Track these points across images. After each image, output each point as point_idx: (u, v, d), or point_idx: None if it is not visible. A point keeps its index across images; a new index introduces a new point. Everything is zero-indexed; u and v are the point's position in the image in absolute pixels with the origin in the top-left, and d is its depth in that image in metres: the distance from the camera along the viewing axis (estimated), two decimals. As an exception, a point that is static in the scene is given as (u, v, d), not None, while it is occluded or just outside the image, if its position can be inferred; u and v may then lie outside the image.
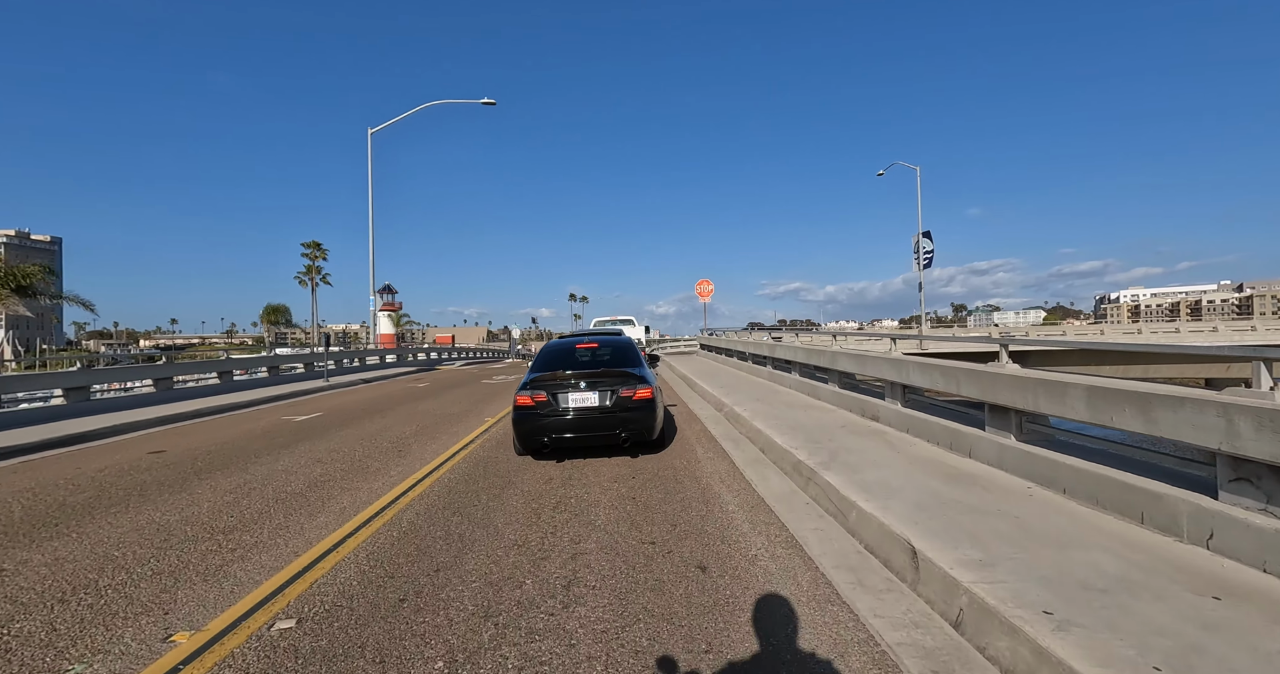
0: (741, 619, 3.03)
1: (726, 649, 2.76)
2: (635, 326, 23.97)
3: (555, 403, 6.42)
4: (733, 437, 7.84)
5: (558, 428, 6.34)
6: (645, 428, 6.46)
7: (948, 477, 4.73)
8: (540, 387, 6.49)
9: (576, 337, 8.28)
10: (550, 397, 6.43)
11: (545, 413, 6.39)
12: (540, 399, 6.43)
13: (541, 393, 6.44)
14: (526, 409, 6.45)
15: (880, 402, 7.40)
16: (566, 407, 6.41)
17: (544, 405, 6.41)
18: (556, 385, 6.49)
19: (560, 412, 6.39)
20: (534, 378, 6.64)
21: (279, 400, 13.79)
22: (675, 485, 5.59)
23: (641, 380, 6.59)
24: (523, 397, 6.48)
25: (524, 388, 6.55)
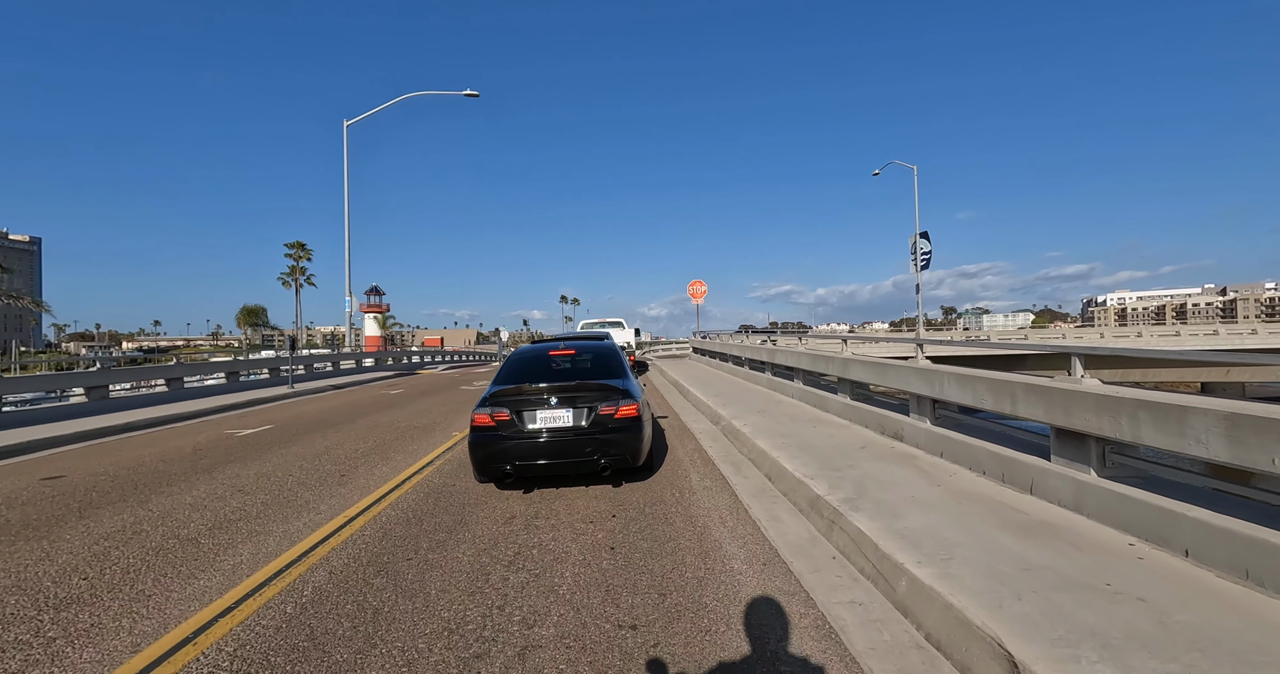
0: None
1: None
2: (624, 329, 22.83)
3: (520, 422, 5.31)
4: (732, 458, 6.76)
5: (523, 453, 5.24)
6: (629, 452, 5.38)
7: (1016, 526, 3.68)
8: (503, 403, 5.38)
9: (550, 342, 7.17)
10: (514, 415, 5.32)
11: (508, 435, 5.28)
12: (502, 418, 5.31)
13: (504, 411, 5.33)
14: (485, 431, 5.33)
15: (904, 418, 6.36)
16: (534, 427, 5.31)
17: (506, 426, 5.30)
18: (523, 401, 5.38)
19: (526, 433, 5.28)
20: (496, 392, 5.53)
21: (231, 410, 12.55)
22: (665, 528, 4.50)
23: (625, 395, 5.50)
24: (481, 415, 5.37)
25: (483, 404, 5.44)
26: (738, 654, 2.74)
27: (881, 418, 6.84)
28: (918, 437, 5.98)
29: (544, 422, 5.32)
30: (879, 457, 5.71)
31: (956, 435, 5.33)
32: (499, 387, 5.74)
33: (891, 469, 5.18)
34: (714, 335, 22.27)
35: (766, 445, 6.51)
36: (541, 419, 5.33)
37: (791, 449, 6.24)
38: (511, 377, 6.04)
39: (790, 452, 6.14)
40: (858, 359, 7.59)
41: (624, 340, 20.51)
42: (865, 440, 6.52)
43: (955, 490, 4.47)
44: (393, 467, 6.87)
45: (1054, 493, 4.04)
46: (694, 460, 6.78)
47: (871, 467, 5.31)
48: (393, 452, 7.78)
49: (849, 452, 6.00)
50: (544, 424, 5.32)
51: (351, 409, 12.48)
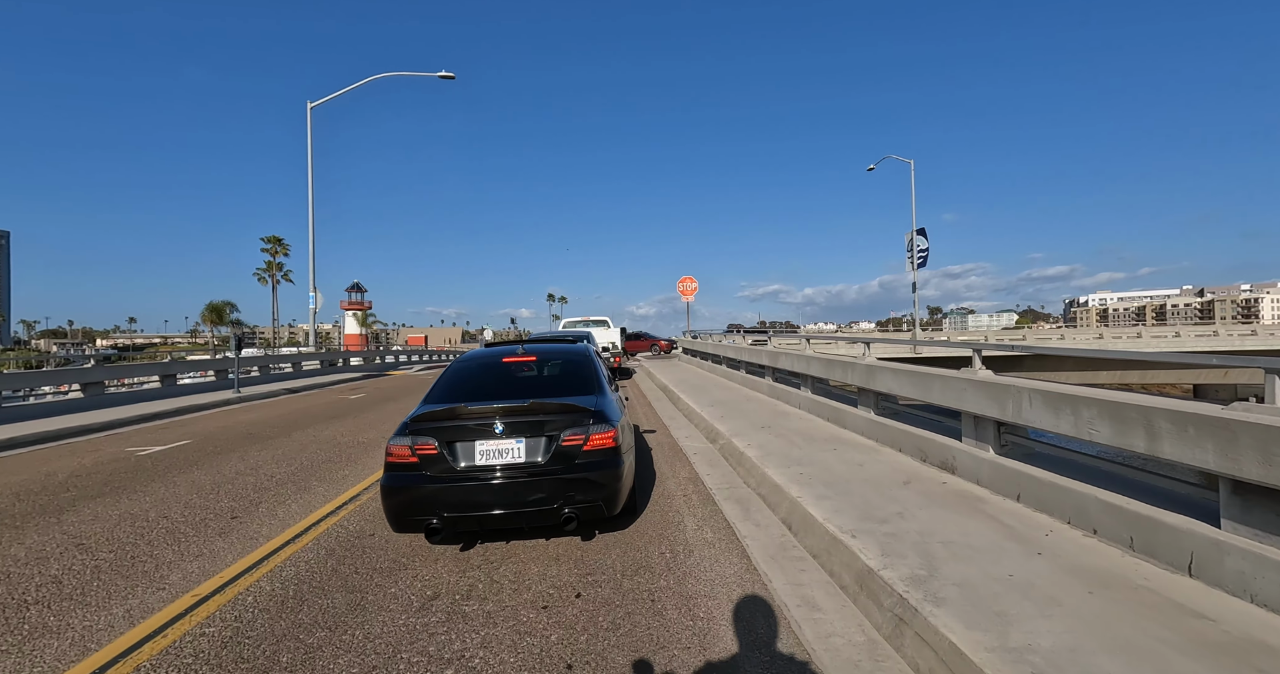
0: None
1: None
2: (609, 328, 21.34)
3: (452, 458, 3.85)
4: (737, 493, 5.35)
5: (455, 501, 3.77)
6: (604, 497, 3.92)
7: (1211, 648, 2.31)
8: (428, 430, 3.91)
9: (506, 346, 5.65)
10: (444, 447, 3.86)
11: (435, 475, 3.81)
12: (427, 451, 3.85)
13: (429, 441, 3.86)
14: (403, 470, 3.86)
15: (955, 443, 5.01)
16: (472, 464, 3.86)
17: (433, 462, 3.84)
18: (457, 429, 3.91)
19: (461, 473, 3.82)
20: (421, 414, 4.04)
21: (151, 421, 10.91)
22: (651, 623, 3.07)
23: (598, 418, 4.05)
24: (398, 446, 3.89)
25: (402, 432, 3.96)
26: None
27: (922, 441, 5.48)
28: (977, 470, 4.63)
29: (486, 456, 3.87)
30: (932, 499, 4.34)
31: (1042, 474, 3.97)
32: (427, 407, 4.27)
33: (958, 521, 3.81)
34: (705, 335, 20.91)
35: (780, 476, 5.12)
36: (483, 453, 3.87)
37: (814, 484, 4.86)
38: (447, 393, 4.58)
39: (813, 487, 4.75)
40: (886, 366, 6.22)
41: (608, 341, 19.04)
42: (905, 471, 5.15)
43: (1071, 565, 3.10)
44: (304, 503, 5.37)
45: (1239, 579, 2.69)
46: (688, 496, 5.36)
47: (929, 516, 3.93)
48: (316, 479, 6.27)
49: (890, 489, 4.62)
50: (486, 459, 3.86)
51: (294, 419, 10.91)
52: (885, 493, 4.53)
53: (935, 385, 5.23)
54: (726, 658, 2.73)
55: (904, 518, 3.92)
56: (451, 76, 23.08)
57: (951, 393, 4.96)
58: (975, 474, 4.65)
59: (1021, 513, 3.91)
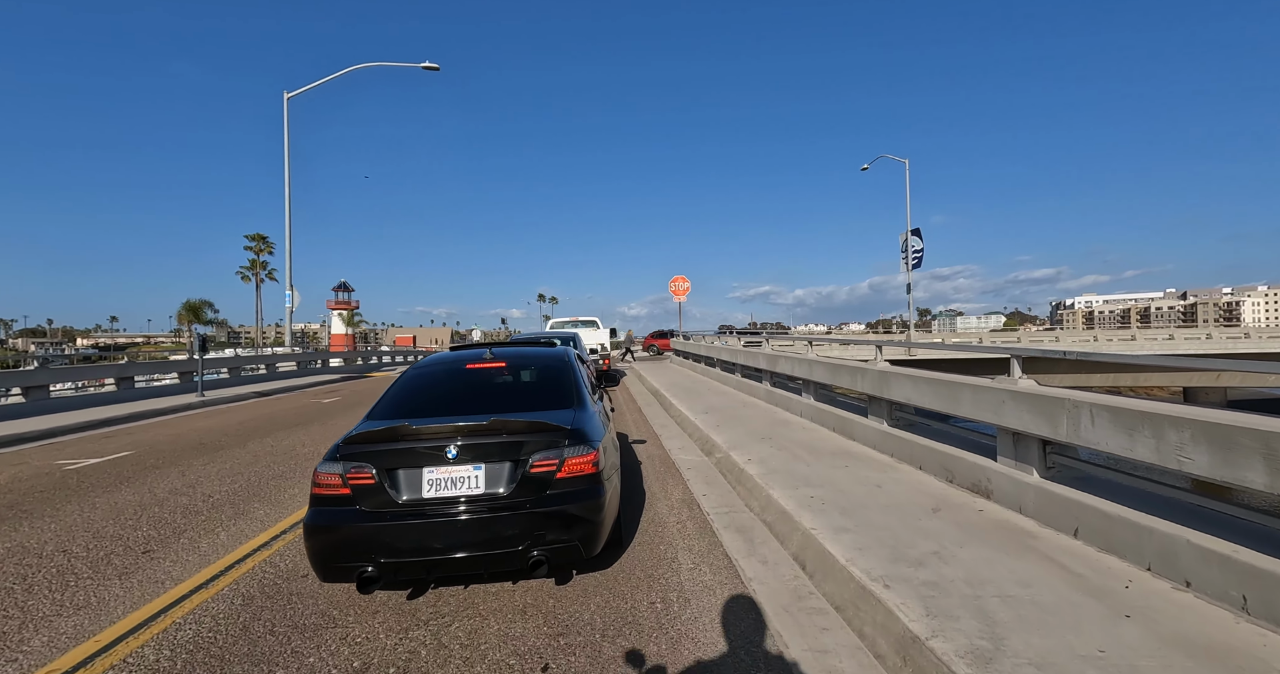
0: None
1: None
2: (598, 329, 20.54)
3: (394, 488, 3.12)
4: (739, 520, 4.64)
5: (395, 544, 3.02)
6: (582, 536, 3.18)
7: None
8: (365, 454, 3.16)
9: (471, 351, 4.82)
10: (384, 475, 3.13)
11: (371, 511, 3.07)
12: (362, 481, 3.10)
13: (365, 468, 3.12)
14: (332, 504, 3.11)
15: (989, 464, 4.35)
16: (417, 496, 3.12)
17: (370, 494, 3.10)
18: (400, 452, 3.18)
19: (403, 508, 3.08)
20: (359, 434, 3.29)
21: (97, 428, 10.03)
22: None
23: (577, 437, 3.34)
24: (327, 474, 3.15)
25: (333, 457, 3.21)
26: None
27: (947, 458, 4.82)
28: (1019, 496, 3.97)
29: (436, 486, 3.14)
30: (971, 532, 3.66)
31: (1108, 506, 3.31)
32: (367, 425, 3.54)
33: (1010, 565, 3.13)
34: (698, 336, 20.25)
35: (788, 500, 4.44)
36: (432, 482, 3.14)
37: (828, 510, 4.18)
38: (396, 407, 3.85)
39: (827, 515, 4.07)
40: (903, 373, 5.56)
41: (596, 342, 18.27)
42: (931, 494, 4.48)
43: (1174, 634, 2.43)
44: (237, 531, 4.61)
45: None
46: (683, 523, 4.65)
47: (972, 557, 3.26)
48: (259, 500, 5.50)
49: (918, 518, 3.95)
50: (435, 490, 3.13)
51: (255, 426, 10.08)
52: (913, 523, 3.86)
53: (964, 396, 4.57)
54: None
55: (943, 559, 3.24)
56: (435, 67, 22.25)
57: (986, 405, 4.30)
58: (1016, 501, 3.99)
59: (1085, 554, 3.24)
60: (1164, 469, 2.94)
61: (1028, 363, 4.29)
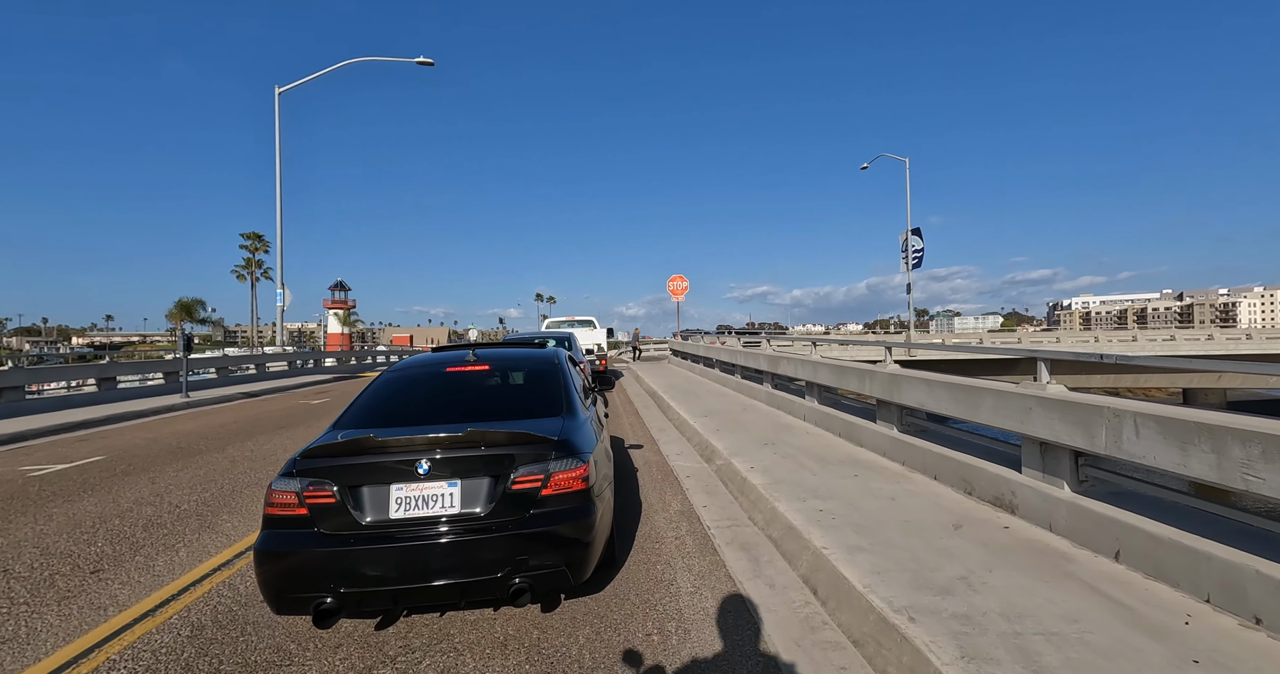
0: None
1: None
2: (595, 329, 20.17)
3: (357, 508, 2.77)
4: (744, 538, 4.29)
5: (358, 571, 2.66)
6: (571, 560, 2.85)
7: None
8: (325, 469, 2.82)
9: (452, 352, 4.49)
10: (346, 493, 2.78)
11: (331, 534, 2.73)
12: (321, 500, 2.75)
13: (326, 486, 2.77)
14: (286, 526, 2.76)
15: (1013, 476, 4.02)
16: (383, 517, 2.77)
17: (330, 514, 2.75)
18: (365, 467, 2.83)
19: (367, 531, 2.74)
20: (319, 447, 2.94)
21: (76, 430, 9.66)
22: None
23: (565, 449, 3.00)
24: (282, 492, 2.80)
25: (289, 471, 2.87)
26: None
27: (965, 469, 4.49)
28: (1049, 512, 3.63)
29: (405, 506, 2.79)
30: (999, 553, 3.33)
31: (1154, 527, 2.98)
32: (331, 435, 3.19)
33: (1050, 594, 2.80)
34: (696, 336, 19.91)
35: (795, 514, 4.10)
36: (400, 501, 2.79)
37: (840, 527, 3.84)
38: (365, 415, 3.51)
39: (839, 532, 3.73)
40: (917, 377, 5.22)
41: (593, 342, 17.92)
42: (950, 509, 4.14)
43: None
44: (199, 547, 4.26)
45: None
46: (681, 539, 4.31)
47: (1006, 583, 2.92)
48: (229, 511, 5.15)
49: (939, 536, 3.61)
50: (404, 510, 2.78)
51: (238, 428, 9.71)
52: (935, 542, 3.52)
53: (986, 402, 4.23)
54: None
55: (972, 586, 2.90)
56: (430, 63, 21.88)
57: (1010, 412, 3.96)
58: (1046, 517, 3.66)
59: (1130, 581, 2.91)
60: (1226, 488, 2.61)
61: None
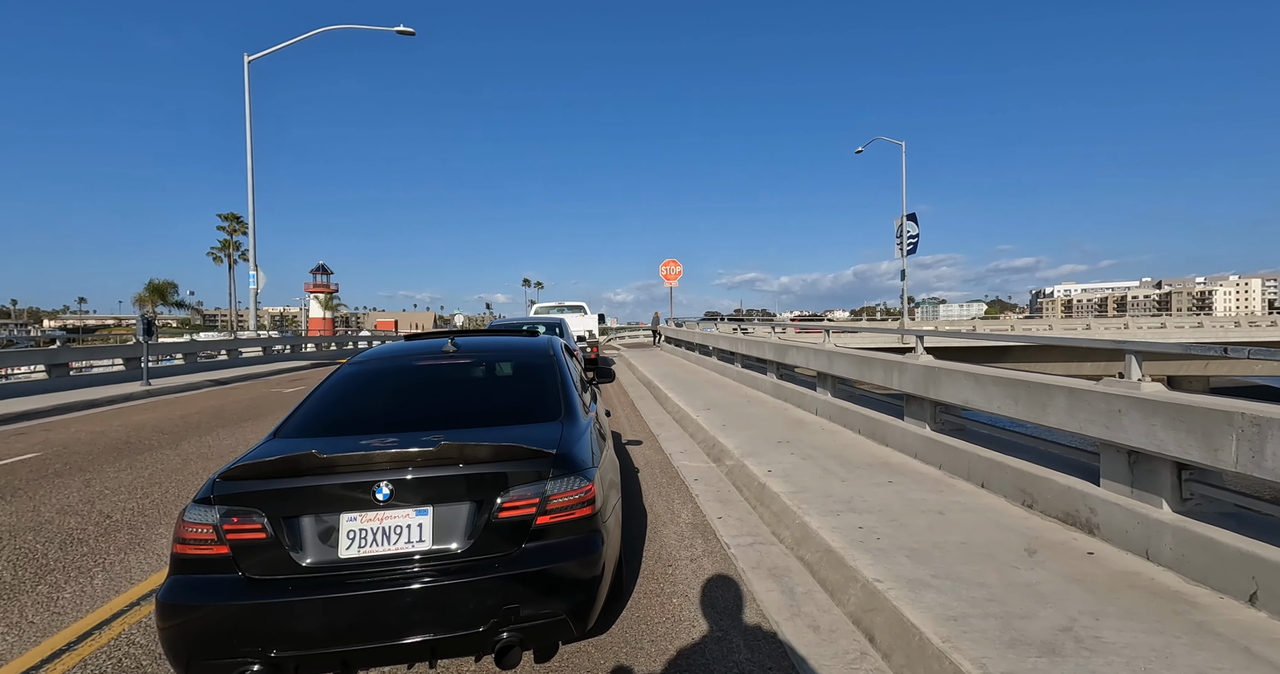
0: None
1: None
2: (586, 315, 19.33)
3: (294, 547, 2.10)
4: (771, 561, 3.63)
5: (295, 630, 1.98)
6: (572, 608, 2.19)
7: None
8: (252, 495, 2.14)
9: (428, 341, 3.80)
10: (280, 526, 2.10)
11: (260, 579, 2.06)
12: (246, 534, 2.08)
13: (252, 517, 2.09)
14: (200, 570, 2.09)
15: (1090, 489, 3.41)
16: (330, 558, 2.10)
17: (258, 553, 2.08)
18: (305, 492, 2.15)
19: (309, 576, 2.07)
20: (244, 465, 2.23)
21: (16, 421, 8.81)
22: None
23: (565, 465, 2.37)
24: (195, 524, 2.11)
25: (205, 496, 2.16)
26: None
27: (1024, 478, 3.87)
28: (1146, 537, 3.03)
29: (359, 541, 2.13)
30: (1098, 591, 2.71)
31: None
32: (266, 448, 2.52)
33: (1189, 657, 2.18)
34: (690, 323, 19.27)
35: (831, 533, 3.48)
36: (354, 534, 2.14)
37: (889, 551, 3.21)
38: (312, 420, 2.82)
39: (891, 559, 3.11)
40: (962, 370, 4.59)
41: (584, 329, 17.13)
42: (1015, 528, 3.53)
43: None
44: (121, 572, 3.55)
45: None
46: (698, 561, 3.65)
47: (1124, 638, 2.31)
48: (167, 523, 4.43)
49: (1014, 566, 3.00)
50: (358, 548, 2.12)
51: (198, 420, 8.90)
52: (1012, 574, 2.91)
53: (1057, 402, 3.60)
54: None
55: (1084, 643, 2.28)
56: (410, 32, 20.66)
57: (1092, 415, 3.34)
58: (1140, 543, 3.06)
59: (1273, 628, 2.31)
60: None
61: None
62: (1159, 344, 3.37)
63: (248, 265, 20.90)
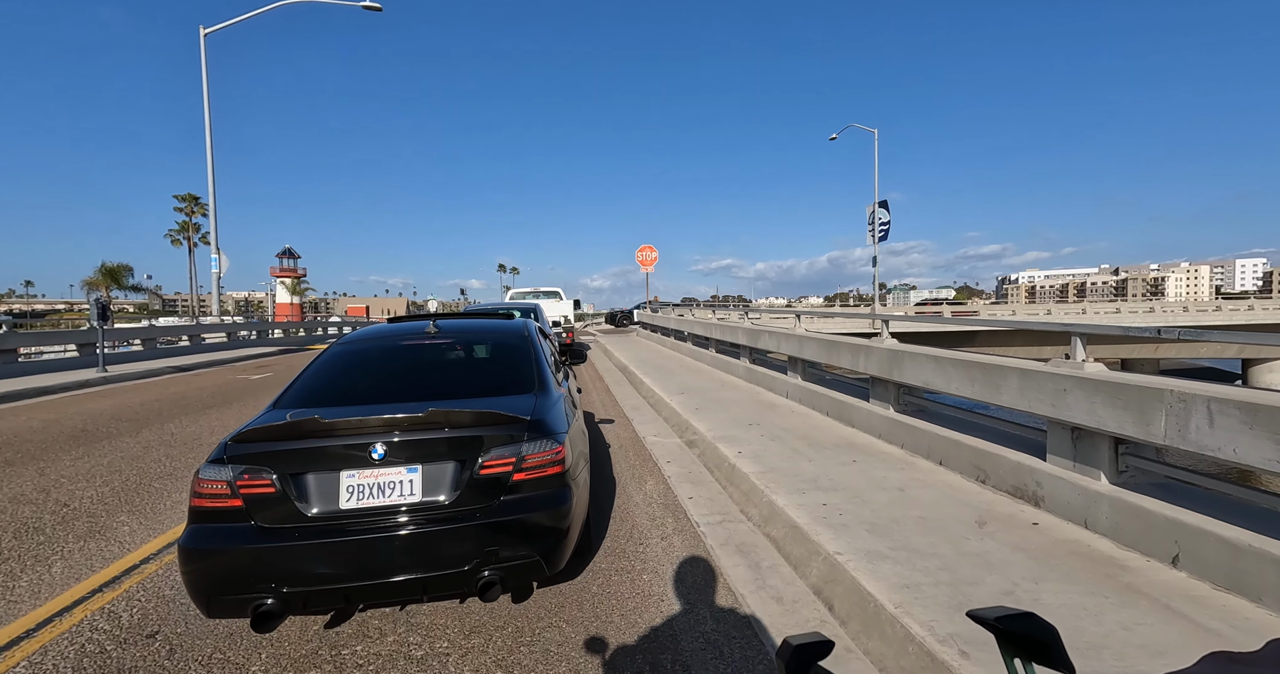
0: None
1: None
2: (561, 300, 19.32)
3: (301, 498, 2.42)
4: (739, 537, 3.76)
5: (303, 570, 2.32)
6: (546, 550, 2.56)
7: None
8: (262, 455, 2.44)
9: (410, 323, 4.08)
10: (288, 482, 2.42)
11: (271, 528, 2.37)
12: (258, 489, 2.39)
13: (264, 474, 2.40)
14: (217, 520, 2.40)
15: (1037, 464, 3.60)
16: (332, 508, 2.42)
17: (268, 506, 2.39)
18: (309, 453, 2.47)
19: (314, 524, 2.39)
20: (254, 429, 2.57)
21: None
22: None
23: (538, 430, 2.71)
24: (211, 480, 2.42)
25: (219, 457, 2.47)
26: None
27: (979, 455, 4.07)
28: (1086, 507, 3.23)
29: (357, 495, 2.44)
30: (1040, 558, 2.90)
31: (1228, 530, 2.57)
32: (270, 416, 2.80)
33: (1118, 614, 2.36)
34: (666, 308, 19.34)
35: (797, 510, 3.61)
36: (351, 490, 2.44)
37: (850, 525, 3.36)
38: (309, 393, 3.12)
39: (852, 533, 3.25)
40: (924, 353, 4.75)
41: (559, 314, 17.10)
42: (969, 502, 3.72)
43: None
44: (81, 560, 3.48)
45: None
46: (669, 541, 3.75)
47: (1060, 599, 2.48)
48: (129, 510, 4.33)
49: (965, 537, 3.17)
50: (357, 500, 2.44)
51: (159, 408, 8.64)
52: (963, 544, 3.08)
53: (1009, 382, 3.78)
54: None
55: (1022, 605, 2.42)
56: (377, 8, 19.91)
57: (1040, 394, 3.52)
58: (1080, 513, 3.26)
59: (1204, 596, 2.50)
60: None
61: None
62: (1102, 327, 3.55)
63: (209, 248, 20.13)
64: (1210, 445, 2.57)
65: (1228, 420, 2.50)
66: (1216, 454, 2.55)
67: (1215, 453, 2.55)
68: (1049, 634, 0.57)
